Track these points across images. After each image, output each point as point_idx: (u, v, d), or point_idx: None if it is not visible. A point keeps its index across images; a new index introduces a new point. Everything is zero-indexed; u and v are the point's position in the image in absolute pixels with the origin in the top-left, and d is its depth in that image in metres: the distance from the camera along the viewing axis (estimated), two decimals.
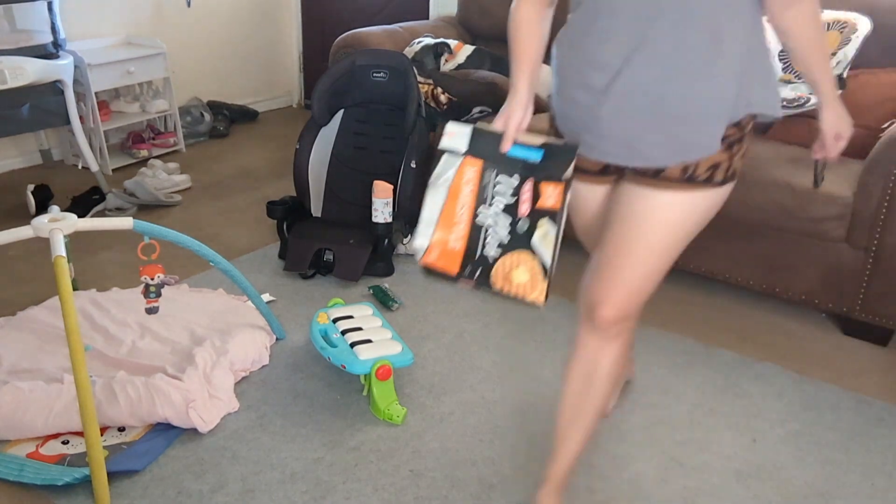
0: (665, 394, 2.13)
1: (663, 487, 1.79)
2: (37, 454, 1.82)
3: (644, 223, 1.36)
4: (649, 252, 1.37)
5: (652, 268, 1.40)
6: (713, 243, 2.57)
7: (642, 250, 1.37)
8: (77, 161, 3.82)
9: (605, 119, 1.31)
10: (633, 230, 1.37)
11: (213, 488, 1.75)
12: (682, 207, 1.35)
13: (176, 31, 4.26)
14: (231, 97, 4.68)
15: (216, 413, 1.96)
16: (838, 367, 2.28)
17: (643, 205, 1.36)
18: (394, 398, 1.99)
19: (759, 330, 2.47)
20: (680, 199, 1.34)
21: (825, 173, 2.37)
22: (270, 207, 2.85)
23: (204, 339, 2.20)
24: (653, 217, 1.35)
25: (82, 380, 1.59)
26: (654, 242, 1.37)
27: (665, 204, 1.34)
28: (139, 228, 1.95)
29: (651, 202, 1.35)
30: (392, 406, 1.97)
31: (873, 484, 1.82)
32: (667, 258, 1.39)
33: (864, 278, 2.33)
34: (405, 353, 2.04)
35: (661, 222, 1.35)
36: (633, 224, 1.37)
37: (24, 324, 2.30)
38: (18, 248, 2.85)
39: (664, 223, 1.35)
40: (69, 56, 3.28)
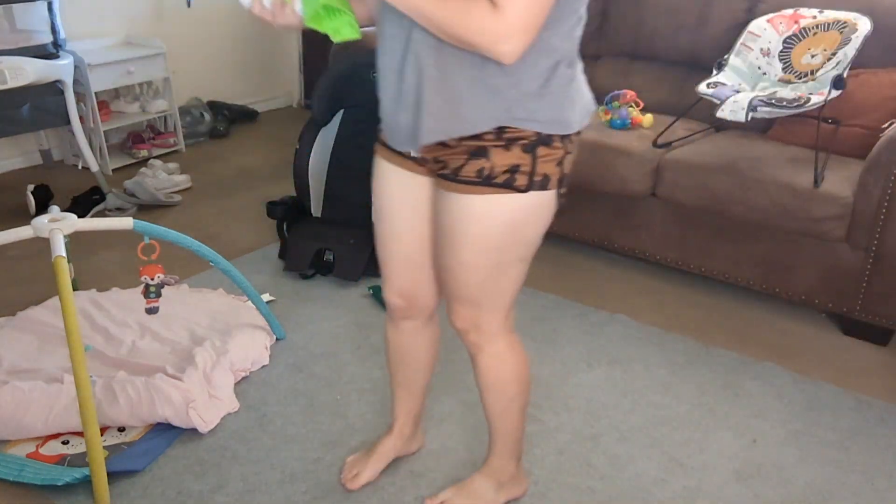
0: (665, 394, 2.13)
1: (663, 487, 1.79)
2: (37, 454, 1.82)
3: (452, 234, 1.34)
4: (464, 266, 1.35)
5: (476, 281, 1.37)
6: (713, 243, 2.57)
7: (458, 266, 1.36)
8: (77, 161, 3.82)
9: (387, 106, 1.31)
10: (446, 242, 1.36)
11: (213, 488, 1.75)
12: (482, 211, 1.29)
13: (176, 31, 4.26)
14: (231, 97, 4.68)
15: (216, 413, 1.96)
16: (838, 367, 2.28)
17: (450, 212, 1.33)
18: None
19: (759, 330, 2.47)
20: (479, 202, 1.28)
21: (825, 173, 2.37)
22: (270, 207, 2.85)
23: (204, 339, 2.20)
24: (459, 227, 1.32)
25: (82, 380, 1.59)
26: (464, 255, 1.34)
27: (467, 209, 1.29)
28: (139, 228, 1.95)
29: (455, 206, 1.31)
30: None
31: (873, 484, 1.82)
32: (488, 271, 1.35)
33: (864, 278, 2.33)
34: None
35: (465, 232, 1.32)
36: (445, 236, 1.36)
37: (24, 324, 2.30)
38: (18, 248, 2.85)
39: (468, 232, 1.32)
40: (69, 56, 3.27)
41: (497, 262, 1.35)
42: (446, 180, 1.31)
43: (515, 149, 1.25)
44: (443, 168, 1.31)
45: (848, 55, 2.44)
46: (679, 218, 2.62)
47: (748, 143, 2.68)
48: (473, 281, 1.37)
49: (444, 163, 1.30)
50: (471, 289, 1.39)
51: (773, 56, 2.64)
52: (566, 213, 2.87)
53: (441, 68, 1.19)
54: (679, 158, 2.56)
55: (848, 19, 2.51)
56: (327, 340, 2.34)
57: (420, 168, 1.39)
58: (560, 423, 1.99)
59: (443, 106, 1.22)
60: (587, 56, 3.33)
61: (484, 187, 1.27)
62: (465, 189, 1.28)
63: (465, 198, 1.29)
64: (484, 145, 1.25)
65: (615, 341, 2.38)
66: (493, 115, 1.22)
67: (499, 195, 1.27)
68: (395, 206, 1.45)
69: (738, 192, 2.43)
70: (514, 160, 1.25)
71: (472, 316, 1.43)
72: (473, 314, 1.43)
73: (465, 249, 1.33)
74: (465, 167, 1.27)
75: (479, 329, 1.44)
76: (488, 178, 1.26)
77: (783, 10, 2.68)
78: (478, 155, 1.26)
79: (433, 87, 1.20)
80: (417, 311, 1.59)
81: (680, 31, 3.01)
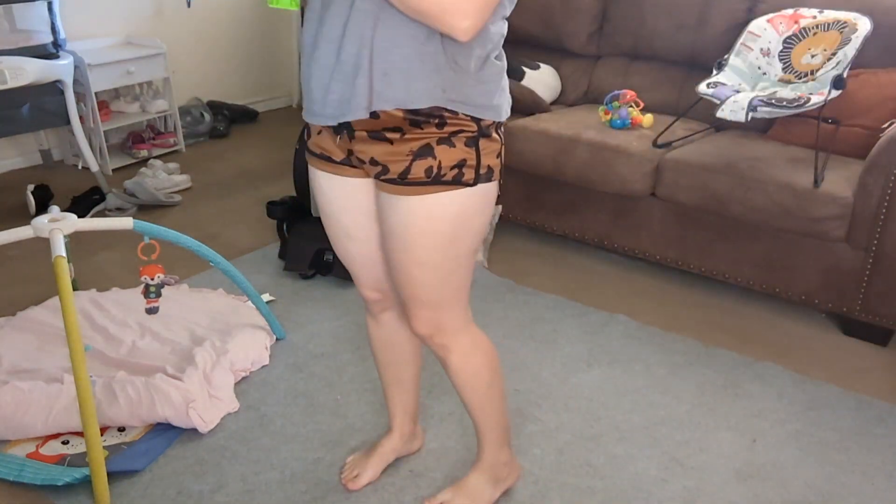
0: (665, 394, 2.13)
1: (663, 487, 1.79)
2: (37, 454, 1.82)
3: (405, 236, 1.33)
4: (422, 267, 1.35)
5: (434, 280, 1.37)
6: (713, 243, 2.58)
7: (416, 268, 1.35)
8: (77, 161, 3.82)
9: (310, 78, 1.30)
10: (398, 246, 1.35)
11: (213, 488, 1.75)
12: (434, 208, 1.30)
13: (176, 31, 4.26)
14: (231, 97, 4.68)
15: (216, 413, 1.96)
16: (838, 367, 2.28)
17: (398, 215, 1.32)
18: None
19: (759, 330, 2.47)
20: (430, 200, 1.29)
21: (825, 173, 2.37)
22: (270, 207, 2.85)
23: (204, 339, 2.20)
24: (412, 228, 1.32)
25: (82, 380, 1.59)
26: (421, 256, 1.34)
27: (417, 209, 1.30)
28: (139, 228, 1.95)
29: (403, 208, 1.31)
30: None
31: (873, 484, 1.82)
32: (445, 265, 1.36)
33: (864, 278, 2.33)
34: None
35: (420, 232, 1.32)
36: (396, 239, 1.35)
37: (24, 324, 2.30)
38: (18, 248, 2.85)
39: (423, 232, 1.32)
40: (69, 56, 3.28)
41: (453, 257, 1.36)
42: (392, 184, 1.30)
43: (459, 144, 1.27)
44: (383, 172, 1.30)
45: (848, 55, 2.44)
46: (679, 218, 2.62)
47: (748, 143, 2.68)
48: (431, 280, 1.37)
49: (384, 166, 1.30)
50: (429, 289, 1.38)
51: (773, 56, 2.64)
52: (566, 213, 2.87)
53: (382, 38, 1.19)
54: (679, 158, 2.56)
55: (848, 19, 2.51)
56: (327, 340, 2.35)
57: (356, 171, 1.39)
58: (560, 423, 1.99)
59: (380, 77, 1.21)
60: (587, 56, 3.36)
61: (434, 186, 1.28)
62: (414, 190, 1.28)
63: (414, 199, 1.29)
64: (427, 142, 1.26)
65: (615, 341, 2.38)
66: (430, 92, 1.23)
67: (449, 191, 1.28)
68: (341, 210, 1.45)
69: (738, 192, 2.43)
70: (461, 155, 1.27)
71: (433, 318, 1.43)
72: (434, 316, 1.42)
73: (419, 248, 1.33)
74: (412, 169, 1.27)
75: (443, 330, 1.45)
76: (437, 177, 1.27)
77: (783, 10, 2.68)
78: (423, 154, 1.26)
79: (373, 56, 1.20)
80: (393, 300, 1.59)
81: (680, 31, 3.02)
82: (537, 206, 2.94)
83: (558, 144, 2.75)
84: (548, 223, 2.94)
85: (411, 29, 1.18)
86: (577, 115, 3.00)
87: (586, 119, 2.91)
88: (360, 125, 1.28)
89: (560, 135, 2.76)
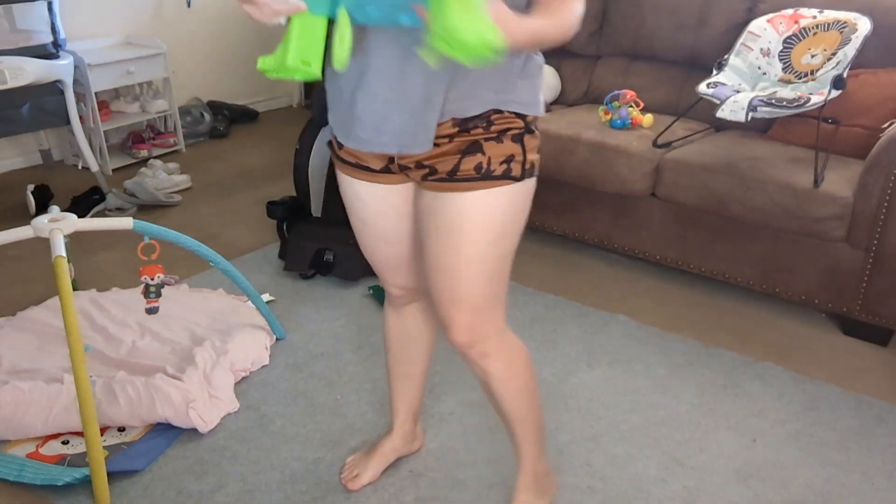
0: (665, 394, 2.13)
1: (663, 487, 1.79)
2: (37, 454, 1.82)
3: (455, 234, 1.31)
4: (470, 265, 1.33)
5: (480, 279, 1.35)
6: (713, 243, 2.57)
7: (464, 267, 1.33)
8: (77, 161, 3.82)
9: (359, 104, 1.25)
10: (446, 245, 1.32)
11: (213, 488, 1.75)
12: (484, 203, 1.29)
13: (176, 31, 4.26)
14: (231, 97, 4.68)
15: (216, 413, 1.96)
16: (838, 367, 2.28)
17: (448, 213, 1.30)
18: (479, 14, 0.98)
19: (759, 330, 2.47)
20: (480, 195, 1.28)
21: (825, 173, 2.37)
22: (270, 207, 2.85)
23: (204, 339, 2.20)
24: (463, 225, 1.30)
25: (82, 380, 1.59)
26: (470, 253, 1.32)
27: (468, 205, 1.29)
28: (139, 228, 1.95)
29: (453, 206, 1.29)
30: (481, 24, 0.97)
31: (873, 484, 1.82)
32: (492, 263, 1.35)
33: (864, 278, 2.33)
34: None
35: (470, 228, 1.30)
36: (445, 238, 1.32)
37: (24, 324, 2.30)
38: (18, 248, 2.85)
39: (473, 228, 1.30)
40: (69, 56, 3.28)
41: (499, 255, 1.35)
42: (441, 182, 1.29)
43: (506, 140, 1.27)
44: (431, 174, 1.30)
45: (848, 55, 2.44)
46: (679, 218, 2.62)
47: (748, 143, 2.68)
48: (478, 279, 1.34)
49: (431, 168, 1.29)
50: (475, 289, 1.35)
51: (773, 56, 2.64)
52: (566, 213, 2.87)
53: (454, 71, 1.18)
54: (679, 158, 2.56)
55: (848, 19, 2.51)
56: (327, 340, 2.35)
57: (395, 177, 1.37)
58: (560, 423, 1.99)
59: (451, 97, 1.21)
60: (587, 56, 3.36)
61: (484, 181, 1.27)
62: (465, 186, 1.28)
63: (464, 195, 1.28)
64: (476, 139, 1.26)
65: (615, 341, 2.38)
66: (483, 97, 1.24)
67: (498, 187, 1.28)
68: (378, 216, 1.44)
69: (738, 192, 2.43)
70: (509, 150, 1.27)
71: (473, 324, 1.39)
72: (475, 322, 1.38)
73: (469, 245, 1.31)
74: (461, 166, 1.27)
75: (483, 337, 1.41)
76: (487, 172, 1.27)
77: (783, 10, 2.68)
78: (472, 151, 1.26)
79: (448, 91, 1.20)
80: (420, 294, 1.59)
81: (680, 31, 3.01)
82: (537, 206, 2.91)
83: (558, 144, 2.75)
84: (548, 223, 2.94)
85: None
86: (577, 115, 3.00)
87: (586, 119, 2.91)
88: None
89: (560, 135, 2.76)
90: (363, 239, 1.51)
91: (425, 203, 1.34)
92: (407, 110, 1.22)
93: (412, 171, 1.32)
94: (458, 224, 1.31)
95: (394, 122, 1.23)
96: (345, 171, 1.42)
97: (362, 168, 1.38)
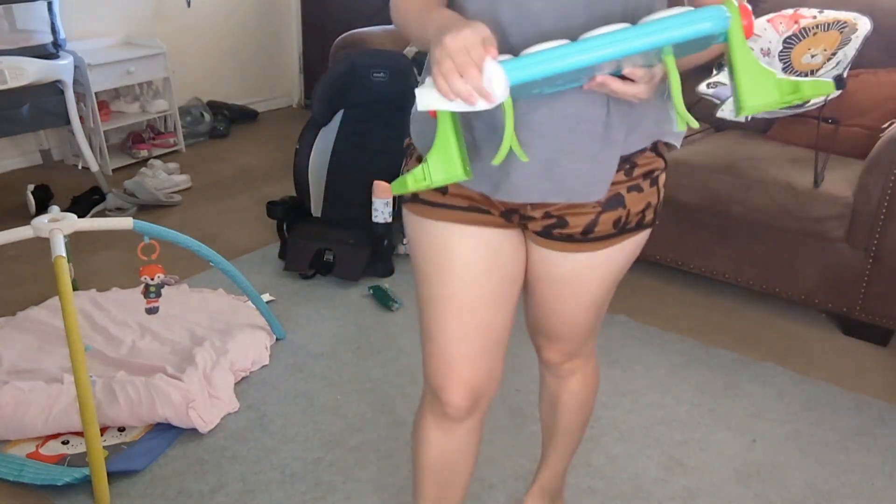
0: (665, 394, 2.13)
1: (663, 487, 1.79)
2: (37, 454, 1.82)
3: (576, 286, 1.19)
4: (582, 308, 1.23)
5: (593, 320, 1.27)
6: (713, 243, 2.57)
7: (582, 313, 1.23)
8: (77, 161, 3.82)
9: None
10: (564, 294, 1.21)
11: (213, 488, 1.75)
12: (616, 256, 1.17)
13: (176, 31, 4.26)
14: (231, 97, 4.68)
15: (216, 413, 1.96)
16: (838, 367, 2.28)
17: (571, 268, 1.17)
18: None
19: (759, 330, 2.47)
20: (614, 250, 1.15)
21: (825, 173, 2.37)
22: (270, 207, 2.85)
23: (204, 339, 2.20)
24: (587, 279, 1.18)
25: (82, 380, 1.59)
26: (589, 301, 1.21)
27: (596, 261, 1.16)
28: (139, 228, 1.95)
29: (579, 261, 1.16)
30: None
31: (873, 484, 1.82)
32: (606, 303, 1.27)
33: (864, 278, 2.33)
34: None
35: (594, 280, 1.18)
36: (563, 288, 1.20)
37: (24, 324, 2.30)
38: (18, 248, 2.85)
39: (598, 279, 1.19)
40: (69, 56, 3.28)
41: (613, 292, 1.25)
42: (568, 242, 1.13)
43: (646, 186, 1.12)
44: (558, 226, 1.11)
45: (848, 55, 2.44)
46: (679, 218, 2.62)
47: (748, 143, 2.68)
48: (591, 320, 1.26)
49: (560, 219, 1.10)
50: (586, 328, 1.27)
51: (773, 56, 2.64)
52: None
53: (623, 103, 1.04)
54: (679, 158, 2.56)
55: (848, 19, 2.51)
56: (327, 340, 2.35)
57: (508, 223, 1.14)
58: None
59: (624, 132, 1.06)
60: None
61: (619, 237, 1.13)
62: (598, 246, 1.13)
63: (596, 253, 1.14)
64: (618, 191, 1.09)
65: (615, 341, 2.38)
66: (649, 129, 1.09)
67: (631, 237, 1.16)
68: (472, 271, 1.13)
69: (738, 192, 2.43)
70: (647, 199, 1.13)
71: (573, 349, 1.32)
72: (569, 349, 1.32)
73: (590, 295, 1.20)
74: (598, 223, 1.10)
75: (576, 356, 1.35)
76: (624, 227, 1.13)
77: (783, 10, 2.68)
78: (612, 205, 1.10)
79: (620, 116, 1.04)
80: (482, 407, 1.24)
81: None
82: None
83: None
84: None
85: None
86: None
87: None
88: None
89: None
90: (451, 306, 1.15)
91: (534, 255, 1.19)
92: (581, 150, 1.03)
93: (535, 221, 1.12)
94: (579, 277, 1.18)
95: (564, 167, 1.04)
96: (449, 218, 1.12)
97: (478, 211, 1.11)
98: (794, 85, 0.91)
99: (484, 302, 1.15)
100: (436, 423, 1.24)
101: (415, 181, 0.94)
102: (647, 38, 0.87)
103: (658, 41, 0.87)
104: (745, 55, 0.91)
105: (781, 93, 0.91)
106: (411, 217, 1.17)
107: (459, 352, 1.16)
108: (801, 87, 0.91)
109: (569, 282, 1.18)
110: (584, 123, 1.02)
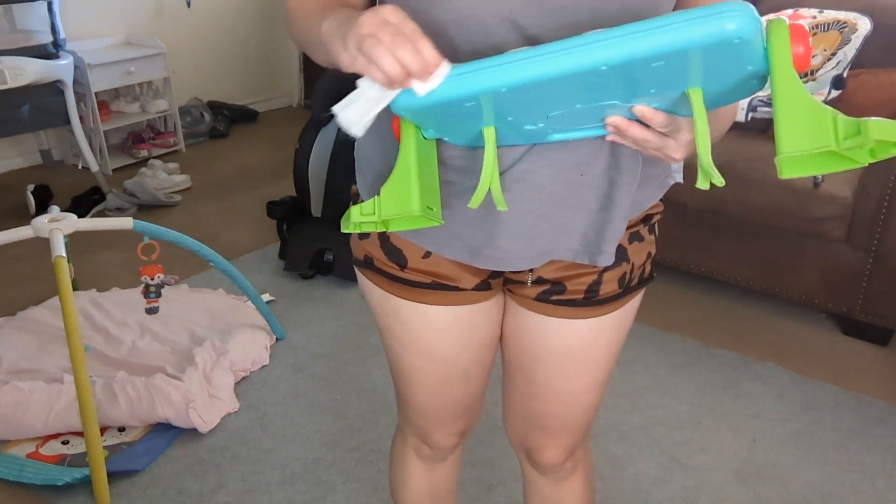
0: (665, 394, 2.13)
1: (663, 487, 1.79)
2: (37, 454, 1.82)
3: (581, 360, 1.03)
4: (591, 387, 1.07)
5: (596, 401, 1.11)
6: (713, 243, 2.57)
7: (586, 391, 1.07)
8: (77, 161, 3.82)
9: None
10: (567, 372, 1.04)
11: (213, 488, 1.75)
12: (622, 320, 1.03)
13: (176, 31, 4.26)
14: (231, 97, 4.68)
15: (216, 413, 1.96)
16: (838, 367, 2.28)
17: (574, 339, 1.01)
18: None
19: (759, 330, 2.47)
20: (620, 314, 1.01)
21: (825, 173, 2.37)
22: (270, 207, 2.85)
23: (204, 339, 2.20)
24: (593, 350, 1.03)
25: (82, 380, 1.59)
26: (597, 375, 1.06)
27: (604, 327, 1.01)
28: (139, 228, 1.95)
29: (584, 330, 1.01)
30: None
31: (873, 484, 1.82)
32: (608, 379, 1.11)
33: (864, 278, 2.33)
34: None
35: (601, 351, 1.04)
36: (565, 364, 1.03)
37: (24, 324, 2.30)
38: (18, 248, 2.85)
39: (605, 349, 1.04)
40: (69, 56, 3.28)
41: (613, 366, 1.09)
42: (568, 307, 0.98)
43: (645, 233, 1.01)
44: (555, 292, 0.97)
45: (848, 55, 2.44)
46: (679, 218, 2.62)
47: (748, 143, 2.68)
48: (595, 399, 1.09)
49: (557, 283, 0.96)
50: (589, 410, 1.10)
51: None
52: None
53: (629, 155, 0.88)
54: None
55: (848, 19, 2.51)
56: (327, 340, 2.35)
57: (488, 294, 1.01)
58: None
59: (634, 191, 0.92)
60: None
61: (626, 297, 0.99)
62: (604, 310, 0.98)
63: (598, 319, 0.99)
64: (621, 244, 0.96)
65: None
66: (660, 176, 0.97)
67: (636, 295, 1.02)
68: (460, 350, 1.04)
69: (737, 192, 2.43)
70: (647, 248, 1.01)
71: (572, 444, 1.14)
72: (574, 441, 1.14)
73: (598, 369, 1.05)
74: (602, 282, 0.96)
75: (576, 448, 1.16)
76: (629, 285, 0.99)
77: (783, 11, 2.68)
78: (616, 260, 0.95)
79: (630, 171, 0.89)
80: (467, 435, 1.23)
81: None
82: None
83: None
84: None
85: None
86: None
87: None
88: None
89: None
90: (422, 381, 1.08)
91: (528, 323, 1.02)
92: (582, 210, 0.89)
93: (524, 287, 0.98)
94: (581, 350, 1.02)
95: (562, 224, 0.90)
96: (409, 297, 0.98)
97: (445, 289, 0.97)
98: (857, 126, 0.65)
99: (458, 377, 1.07)
100: (422, 462, 1.21)
101: (362, 215, 0.79)
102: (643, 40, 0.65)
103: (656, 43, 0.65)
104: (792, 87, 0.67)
105: (837, 137, 0.66)
106: (367, 284, 1.02)
107: (439, 414, 1.12)
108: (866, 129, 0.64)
109: (574, 356, 1.02)
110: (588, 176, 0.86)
